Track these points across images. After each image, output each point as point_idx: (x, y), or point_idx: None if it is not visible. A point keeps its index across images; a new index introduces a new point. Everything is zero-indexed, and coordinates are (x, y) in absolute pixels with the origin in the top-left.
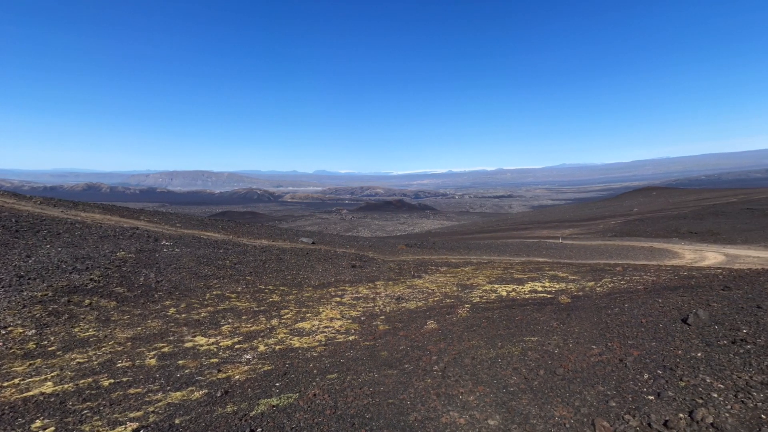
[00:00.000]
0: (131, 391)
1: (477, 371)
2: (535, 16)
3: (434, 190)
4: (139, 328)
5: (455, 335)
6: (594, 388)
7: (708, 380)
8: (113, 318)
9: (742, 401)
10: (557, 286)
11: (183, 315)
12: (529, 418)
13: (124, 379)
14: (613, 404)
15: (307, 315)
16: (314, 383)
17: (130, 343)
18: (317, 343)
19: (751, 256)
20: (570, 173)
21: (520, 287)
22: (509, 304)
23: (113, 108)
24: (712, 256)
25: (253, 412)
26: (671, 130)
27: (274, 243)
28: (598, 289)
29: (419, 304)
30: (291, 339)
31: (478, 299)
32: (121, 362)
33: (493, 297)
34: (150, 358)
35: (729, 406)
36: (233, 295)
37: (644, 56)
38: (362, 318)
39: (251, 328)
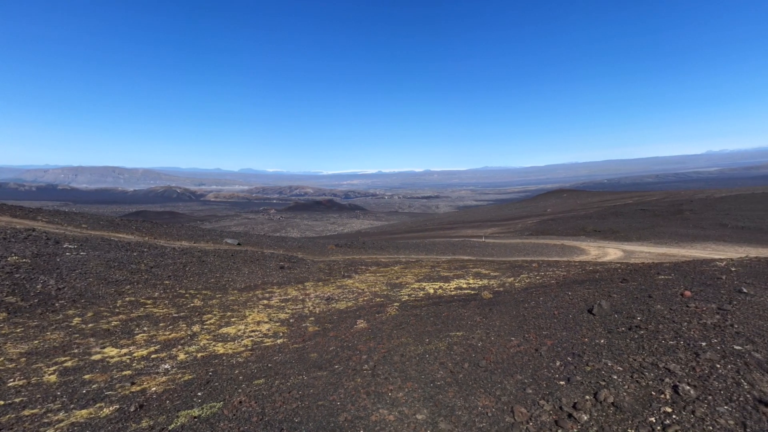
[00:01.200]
0: (26, 412)
1: (406, 368)
2: (462, 24)
3: (364, 191)
4: (36, 342)
5: (385, 333)
6: (513, 378)
7: (609, 364)
8: (3, 331)
9: (637, 381)
10: (480, 283)
11: (90, 325)
12: (454, 410)
13: (17, 400)
14: (530, 391)
15: (233, 319)
16: (240, 390)
17: (24, 359)
18: (243, 348)
19: (644, 252)
20: (492, 175)
21: (447, 284)
22: (436, 301)
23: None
24: (613, 252)
25: (172, 425)
26: (580, 137)
27: (195, 244)
28: (516, 284)
29: (349, 304)
30: (214, 345)
31: (407, 297)
32: (14, 381)
33: (421, 295)
34: (49, 375)
35: (626, 386)
36: (149, 302)
37: (558, 69)
38: (291, 320)
39: (170, 336)
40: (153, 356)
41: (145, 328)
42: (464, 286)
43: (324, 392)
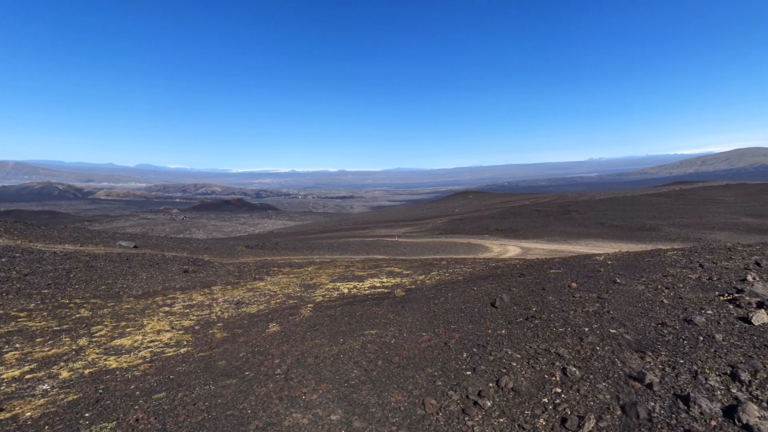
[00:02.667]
0: None
1: (320, 369)
2: (378, 27)
3: (277, 190)
4: None
5: (298, 336)
6: (424, 371)
7: (510, 352)
8: None
9: (533, 366)
10: (393, 281)
11: None
12: (368, 407)
13: None
14: (440, 383)
15: (128, 330)
16: (137, 407)
17: None
18: (141, 361)
19: (539, 248)
20: (405, 176)
21: (361, 284)
22: (350, 301)
23: None
24: (512, 249)
25: None
26: (485, 143)
27: (82, 248)
28: (427, 281)
29: (261, 307)
30: (106, 359)
31: (321, 298)
32: None
33: (335, 295)
34: None
35: (524, 372)
36: (23, 314)
37: (466, 78)
38: (196, 327)
39: (50, 352)
40: (28, 377)
41: (18, 345)
42: (378, 284)
43: (233, 401)
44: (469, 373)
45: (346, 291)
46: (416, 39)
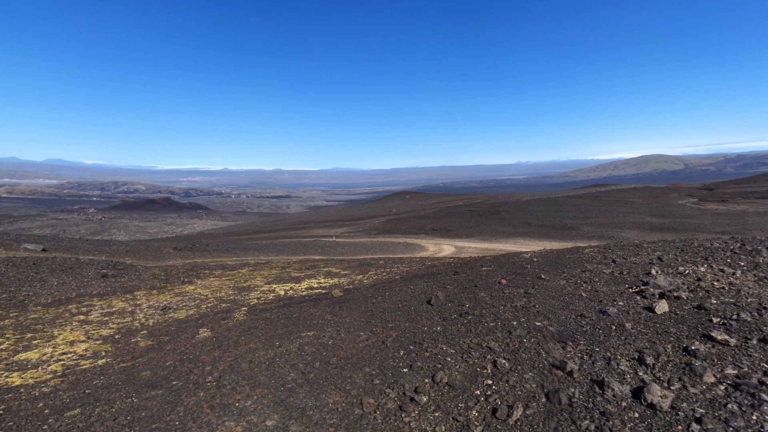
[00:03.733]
0: None
1: (255, 374)
2: (317, 25)
3: (208, 189)
4: None
5: (232, 341)
6: (362, 371)
7: (444, 348)
8: None
9: (466, 360)
10: (331, 282)
11: None
12: (306, 410)
13: None
14: (377, 381)
15: (35, 342)
16: (45, 426)
17: None
18: (50, 375)
19: (472, 247)
20: (342, 176)
21: (298, 285)
22: (287, 303)
23: None
24: (447, 248)
25: None
26: (421, 144)
27: None
28: (365, 281)
29: (190, 312)
30: (8, 376)
31: (255, 301)
32: None
33: (271, 297)
34: None
35: (458, 366)
36: None
37: (401, 80)
38: (117, 336)
39: None
40: None
41: None
42: (315, 285)
43: (159, 413)
44: (406, 370)
45: (282, 293)
46: (353, 38)
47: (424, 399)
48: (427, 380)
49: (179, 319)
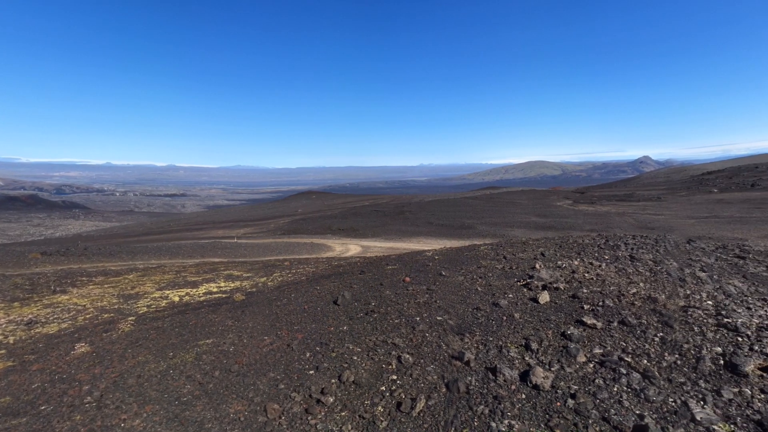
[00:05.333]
0: None
1: (144, 390)
2: (215, 13)
3: (87, 185)
4: None
5: (116, 355)
6: (266, 376)
7: (351, 347)
8: None
9: (372, 358)
10: (233, 285)
11: None
12: (203, 423)
13: None
14: (282, 386)
15: None
16: None
17: None
18: None
19: (377, 246)
20: (245, 175)
21: (195, 290)
22: (182, 310)
23: None
24: (353, 248)
25: None
26: (327, 144)
27: None
28: (269, 283)
29: (64, 325)
30: None
31: (145, 309)
32: None
33: (164, 304)
34: None
35: (364, 364)
36: None
37: (307, 78)
38: None
39: None
40: None
41: None
42: (215, 289)
43: None
44: (312, 372)
45: (177, 299)
46: (257, 32)
47: (331, 399)
48: (333, 380)
49: (49, 335)
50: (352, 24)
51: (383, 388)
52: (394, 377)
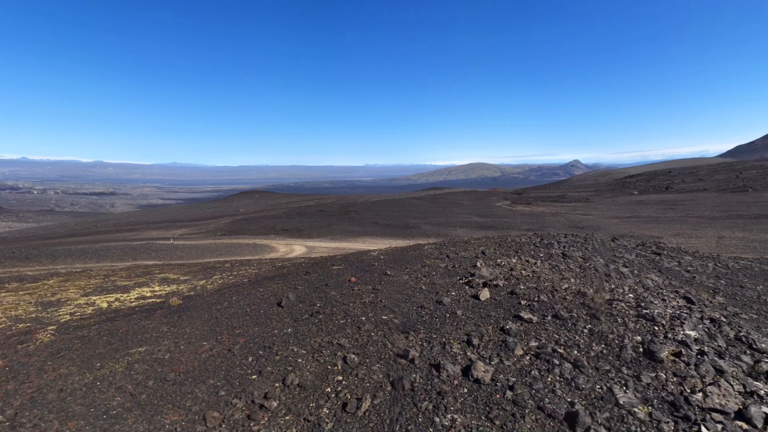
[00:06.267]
0: None
1: (67, 405)
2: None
3: None
4: None
5: (33, 368)
6: (205, 383)
7: (296, 349)
8: None
9: (317, 359)
10: (168, 289)
11: None
12: None
13: None
14: (223, 393)
15: None
16: None
17: None
18: None
19: (323, 246)
20: (182, 173)
21: (126, 295)
22: (111, 317)
23: None
24: (298, 249)
25: None
26: (271, 142)
27: None
28: (209, 286)
29: None
30: None
31: (68, 317)
32: None
33: (89, 311)
34: None
35: (309, 366)
36: None
37: (249, 73)
38: None
39: None
40: None
41: None
42: (148, 294)
43: None
44: (255, 377)
45: (105, 305)
46: (194, 21)
47: (275, 404)
48: (277, 384)
49: None
50: (297, 20)
51: (329, 389)
52: (340, 378)
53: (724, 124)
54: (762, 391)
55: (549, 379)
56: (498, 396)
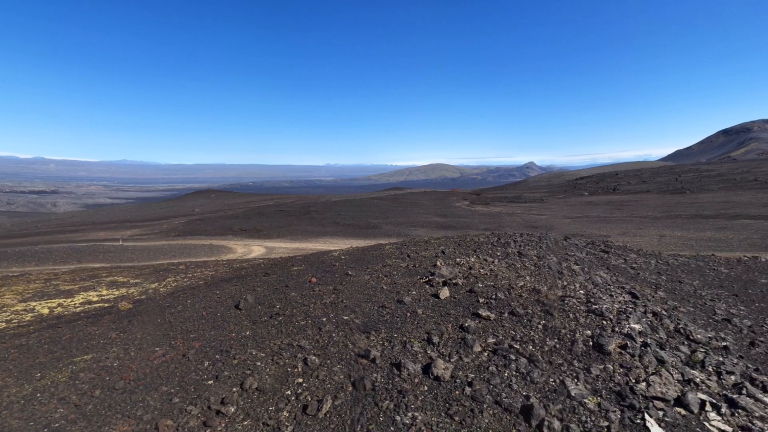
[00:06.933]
0: None
1: (3, 419)
2: None
3: None
4: None
5: None
6: (158, 391)
7: (254, 352)
8: None
9: (277, 362)
10: (117, 293)
11: None
12: None
13: None
14: (177, 400)
15: None
16: None
17: None
18: None
19: (282, 247)
20: (132, 170)
21: (69, 300)
22: (53, 323)
23: None
24: (257, 249)
25: None
26: (228, 140)
27: None
28: (162, 289)
29: None
30: None
31: (3, 325)
32: None
33: (28, 318)
34: None
35: (268, 369)
36: None
37: (204, 68)
38: None
39: None
40: None
41: None
42: (95, 299)
43: None
44: (211, 382)
45: (46, 311)
46: (146, 13)
47: (232, 409)
48: (235, 389)
49: None
50: (256, 15)
51: (289, 392)
52: (300, 380)
53: (665, 129)
54: (698, 379)
55: (506, 374)
56: (457, 392)
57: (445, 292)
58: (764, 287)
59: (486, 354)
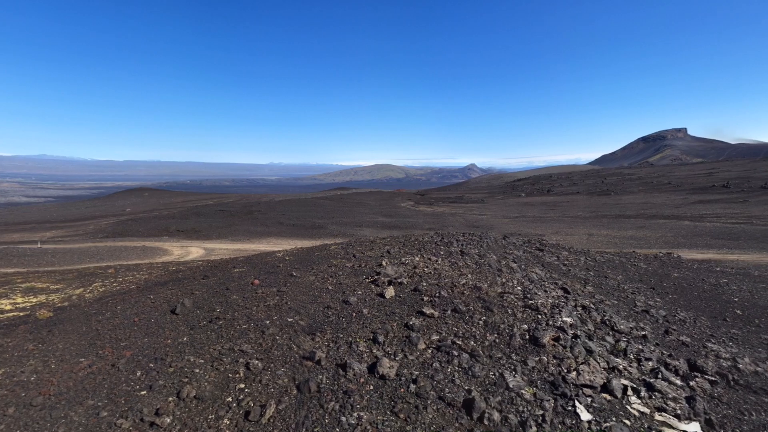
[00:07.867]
0: None
1: None
2: None
3: None
4: None
5: None
6: (83, 405)
7: (192, 359)
8: None
9: (217, 368)
10: (35, 300)
11: None
12: None
13: None
14: (105, 414)
15: None
16: None
17: None
18: None
19: (223, 248)
20: (53, 166)
21: None
22: None
23: None
24: (195, 251)
25: None
26: (163, 135)
27: None
28: (87, 295)
29: None
30: None
31: None
32: None
33: None
34: None
35: (207, 376)
36: None
37: (134, 58)
38: None
39: None
40: None
41: None
42: (8, 307)
43: None
44: (144, 392)
45: None
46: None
47: (168, 420)
48: (171, 398)
49: None
50: (193, 7)
51: (230, 398)
52: (242, 386)
53: (593, 135)
54: (621, 366)
55: (449, 370)
56: (402, 390)
57: (390, 292)
58: (676, 280)
59: (430, 351)
